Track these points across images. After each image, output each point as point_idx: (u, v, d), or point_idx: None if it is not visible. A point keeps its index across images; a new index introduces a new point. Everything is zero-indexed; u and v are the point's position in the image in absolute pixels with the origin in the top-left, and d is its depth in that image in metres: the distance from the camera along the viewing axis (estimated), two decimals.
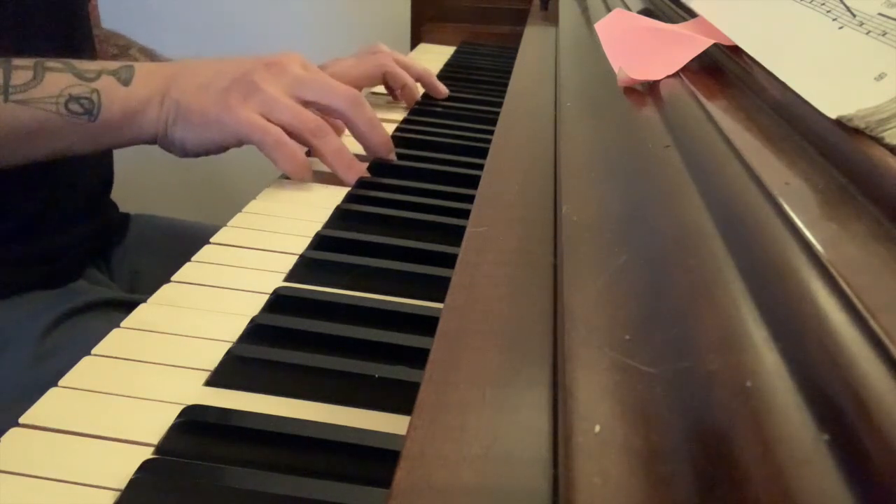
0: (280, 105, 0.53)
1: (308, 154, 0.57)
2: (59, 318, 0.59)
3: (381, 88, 0.78)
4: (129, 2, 1.37)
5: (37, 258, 0.64)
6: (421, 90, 0.77)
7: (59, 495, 0.27)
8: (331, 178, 0.56)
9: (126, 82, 0.53)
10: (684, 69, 0.42)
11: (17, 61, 0.52)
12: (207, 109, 0.53)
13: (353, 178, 0.55)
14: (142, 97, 0.53)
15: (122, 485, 0.27)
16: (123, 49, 0.81)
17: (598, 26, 0.56)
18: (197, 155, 0.56)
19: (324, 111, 0.56)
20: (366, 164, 0.57)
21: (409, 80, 0.74)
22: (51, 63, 0.53)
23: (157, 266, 0.73)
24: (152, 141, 0.55)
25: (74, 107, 0.51)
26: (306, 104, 0.55)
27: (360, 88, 0.70)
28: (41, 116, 0.51)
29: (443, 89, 0.77)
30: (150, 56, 0.82)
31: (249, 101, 0.53)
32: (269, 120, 0.53)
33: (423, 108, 0.75)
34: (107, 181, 0.76)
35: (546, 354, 0.26)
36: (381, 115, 0.62)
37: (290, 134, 0.54)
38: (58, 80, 0.52)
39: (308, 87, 0.55)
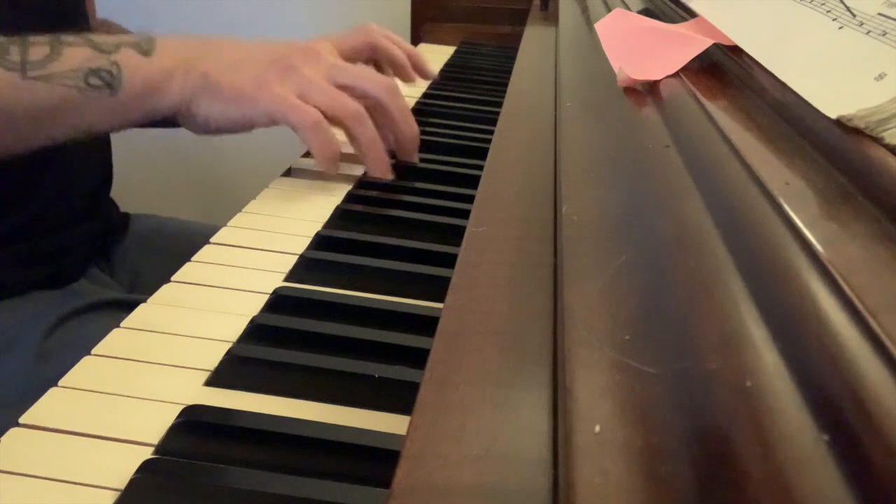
0: (318, 87, 0.52)
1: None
2: (62, 319, 0.58)
3: None
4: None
5: (38, 258, 0.64)
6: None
7: (59, 495, 0.27)
8: (331, 178, 0.56)
9: (147, 53, 0.51)
10: (684, 69, 0.42)
11: (33, 38, 0.50)
12: (242, 85, 0.51)
13: (381, 171, 0.54)
14: (165, 67, 0.51)
15: (122, 485, 0.27)
16: None
17: (598, 26, 0.56)
18: (219, 132, 0.54)
19: (358, 98, 0.55)
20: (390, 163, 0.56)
21: (400, 54, 0.70)
22: (68, 37, 0.51)
23: (158, 266, 0.73)
24: (172, 114, 0.53)
25: (94, 80, 0.50)
26: (342, 89, 0.53)
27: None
28: (61, 92, 0.49)
29: (431, 69, 0.74)
30: None
31: (287, 82, 0.51)
32: (306, 102, 0.51)
33: (424, 108, 0.75)
34: (106, 177, 0.75)
35: (546, 354, 0.26)
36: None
37: (328, 118, 0.52)
38: (76, 54, 0.50)
39: (345, 72, 0.54)
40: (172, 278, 0.42)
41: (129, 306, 0.39)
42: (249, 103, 0.51)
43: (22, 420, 0.30)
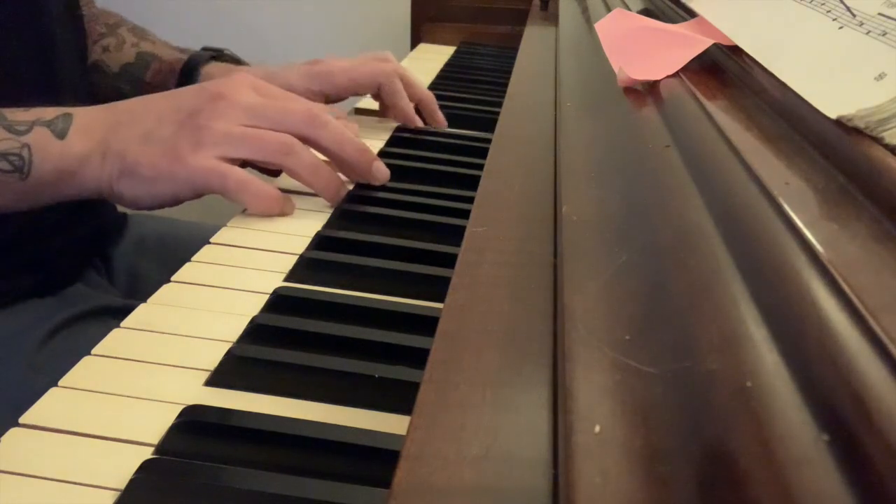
0: (235, 139, 0.48)
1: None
2: (56, 328, 0.57)
3: (369, 104, 0.74)
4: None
5: (31, 266, 0.62)
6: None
7: (59, 495, 0.27)
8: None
9: (61, 134, 0.48)
10: (684, 69, 0.42)
11: None
12: (157, 162, 0.47)
13: (334, 196, 0.51)
14: (79, 153, 0.48)
15: (122, 485, 0.27)
16: (112, 28, 0.78)
17: (598, 26, 0.56)
18: (151, 209, 0.51)
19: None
20: (348, 181, 0.54)
21: (405, 100, 0.67)
22: None
23: (157, 267, 0.72)
24: (98, 196, 0.50)
25: (2, 164, 0.47)
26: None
27: (349, 94, 0.66)
28: None
29: (441, 119, 0.70)
30: (141, 36, 0.79)
31: (201, 146, 0.47)
32: (230, 159, 0.48)
33: None
34: None
35: (546, 354, 0.26)
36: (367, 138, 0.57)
37: (259, 164, 0.49)
38: None
39: (261, 114, 0.49)
40: (172, 278, 0.42)
41: (126, 313, 0.38)
42: (169, 180, 0.48)
43: (22, 420, 0.30)
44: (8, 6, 0.59)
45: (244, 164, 0.50)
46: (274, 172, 0.56)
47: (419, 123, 0.68)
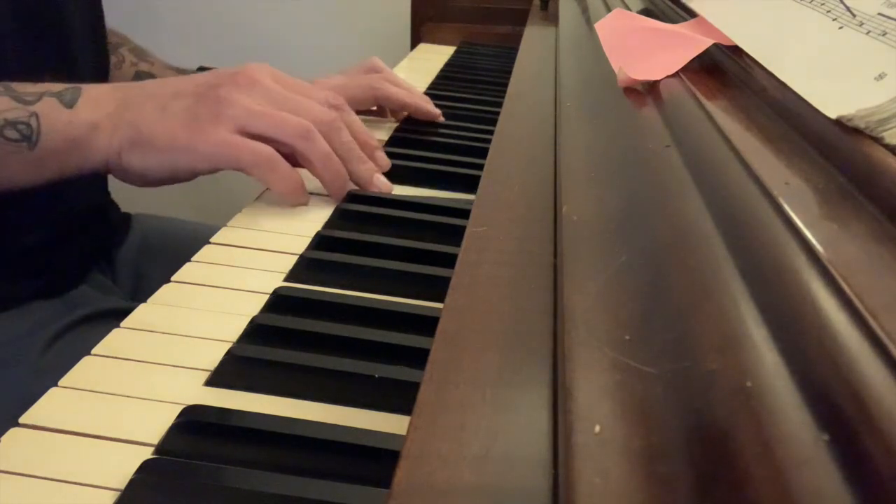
0: (255, 113, 0.47)
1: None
2: (60, 332, 0.57)
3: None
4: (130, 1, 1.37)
5: (36, 268, 0.62)
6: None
7: (59, 495, 0.27)
8: None
9: (70, 104, 0.48)
10: (684, 69, 0.42)
11: None
12: (175, 132, 0.46)
13: (339, 191, 0.51)
14: (88, 121, 0.47)
15: (122, 485, 0.27)
16: (114, 48, 0.78)
17: (598, 26, 0.56)
18: (160, 184, 0.50)
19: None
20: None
21: (406, 96, 0.67)
22: None
23: (161, 267, 0.72)
24: (104, 169, 0.49)
25: (10, 133, 0.46)
26: None
27: None
28: None
29: (437, 112, 0.71)
30: (141, 57, 0.79)
31: (222, 118, 0.46)
32: (249, 134, 0.47)
33: None
34: (101, 177, 0.72)
35: (546, 354, 0.26)
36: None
37: (273, 143, 0.49)
38: None
39: (283, 101, 0.49)
40: (172, 278, 0.42)
41: (128, 315, 0.38)
42: (186, 152, 0.47)
43: (22, 420, 0.30)
44: (32, 27, 0.60)
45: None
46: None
47: (434, 111, 0.69)
